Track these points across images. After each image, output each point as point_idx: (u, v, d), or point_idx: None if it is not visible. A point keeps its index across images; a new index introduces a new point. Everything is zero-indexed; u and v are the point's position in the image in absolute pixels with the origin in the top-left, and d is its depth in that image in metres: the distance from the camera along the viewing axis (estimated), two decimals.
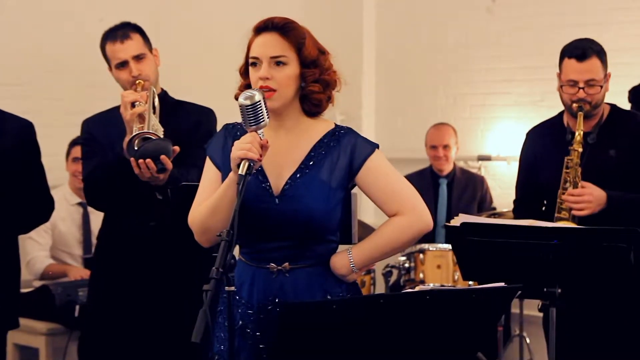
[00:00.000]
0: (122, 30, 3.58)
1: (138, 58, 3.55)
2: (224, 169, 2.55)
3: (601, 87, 3.48)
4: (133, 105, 3.37)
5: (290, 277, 2.54)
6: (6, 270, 3.45)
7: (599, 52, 3.50)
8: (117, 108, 3.45)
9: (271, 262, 2.54)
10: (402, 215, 2.56)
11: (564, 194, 3.49)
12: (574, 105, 3.49)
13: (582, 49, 3.48)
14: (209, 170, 2.62)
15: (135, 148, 3.29)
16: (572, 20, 5.85)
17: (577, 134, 3.49)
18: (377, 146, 2.59)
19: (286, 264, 2.54)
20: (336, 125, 2.63)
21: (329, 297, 2.55)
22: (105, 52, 3.60)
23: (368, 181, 2.57)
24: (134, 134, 3.32)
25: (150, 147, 3.29)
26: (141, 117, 3.36)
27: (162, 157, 3.28)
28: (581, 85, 3.46)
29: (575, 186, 3.47)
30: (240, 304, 2.55)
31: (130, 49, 3.54)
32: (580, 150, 3.48)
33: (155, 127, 3.37)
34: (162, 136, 3.36)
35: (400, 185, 2.59)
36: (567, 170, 3.50)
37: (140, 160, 3.27)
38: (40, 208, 3.54)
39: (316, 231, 2.54)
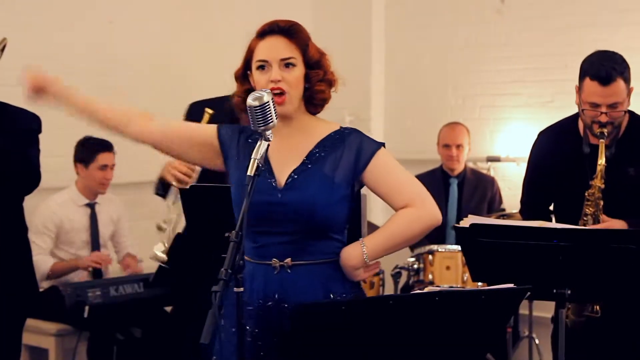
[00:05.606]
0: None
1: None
2: (226, 151, 2.64)
3: (624, 104, 3.32)
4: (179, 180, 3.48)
5: (292, 274, 2.54)
6: (17, 256, 3.46)
7: (623, 72, 3.28)
8: None
9: (273, 257, 2.54)
10: (411, 207, 2.57)
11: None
12: (595, 127, 3.32)
13: (605, 72, 3.25)
14: (207, 127, 2.73)
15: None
16: (582, 21, 5.83)
17: (598, 164, 3.32)
18: (382, 144, 2.61)
19: (288, 259, 2.54)
20: (341, 126, 2.65)
21: (331, 296, 2.55)
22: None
23: (375, 177, 2.58)
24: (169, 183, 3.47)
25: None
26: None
27: None
28: (604, 110, 3.29)
29: (596, 220, 3.35)
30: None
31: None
32: (602, 186, 3.33)
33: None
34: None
35: (408, 180, 2.61)
36: (588, 204, 3.37)
37: None
38: (20, 173, 3.43)
39: (318, 224, 2.53)
